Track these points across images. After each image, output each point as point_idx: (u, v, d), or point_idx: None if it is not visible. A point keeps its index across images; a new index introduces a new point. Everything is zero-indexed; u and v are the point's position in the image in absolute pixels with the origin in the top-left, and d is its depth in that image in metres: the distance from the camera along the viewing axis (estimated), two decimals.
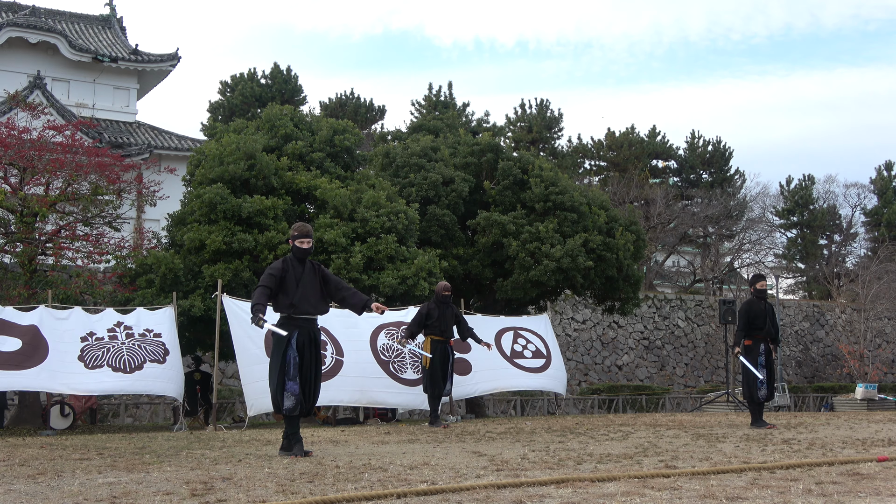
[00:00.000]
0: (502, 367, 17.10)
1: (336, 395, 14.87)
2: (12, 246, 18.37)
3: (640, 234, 22.60)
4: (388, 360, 15.56)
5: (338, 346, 15.18)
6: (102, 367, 14.36)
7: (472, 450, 8.42)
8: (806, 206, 51.27)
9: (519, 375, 17.29)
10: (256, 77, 45.07)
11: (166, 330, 15.33)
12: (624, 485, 5.59)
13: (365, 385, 15.08)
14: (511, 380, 17.31)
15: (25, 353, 13.97)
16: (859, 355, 37.00)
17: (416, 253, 18.61)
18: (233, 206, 17.47)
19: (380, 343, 15.74)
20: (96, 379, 14.27)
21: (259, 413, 14.65)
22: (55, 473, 6.82)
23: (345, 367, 14.95)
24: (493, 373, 16.90)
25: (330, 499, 5.05)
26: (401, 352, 15.70)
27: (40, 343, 14.25)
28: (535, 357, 17.74)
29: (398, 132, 28.21)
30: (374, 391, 15.19)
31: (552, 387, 18.15)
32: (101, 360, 14.43)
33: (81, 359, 14.38)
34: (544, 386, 18.28)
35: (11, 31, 34.46)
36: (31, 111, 21.71)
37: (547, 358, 17.87)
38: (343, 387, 14.81)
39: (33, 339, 14.25)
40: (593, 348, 35.22)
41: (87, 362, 14.36)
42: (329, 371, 14.57)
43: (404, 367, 15.54)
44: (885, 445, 8.42)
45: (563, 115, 49.77)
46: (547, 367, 17.72)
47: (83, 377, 14.21)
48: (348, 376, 14.92)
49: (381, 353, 15.61)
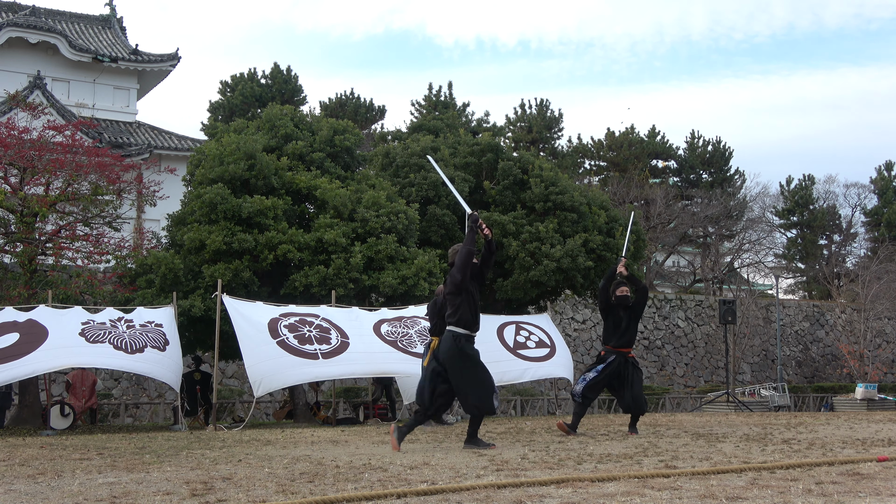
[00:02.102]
0: (506, 359, 16.91)
1: (347, 368, 15.08)
2: (12, 246, 18.37)
3: (640, 234, 22.61)
4: (394, 339, 15.73)
5: (342, 331, 15.44)
6: (104, 344, 14.24)
7: (472, 450, 8.41)
8: (806, 206, 51.24)
9: (524, 367, 17.04)
10: (256, 77, 45.06)
11: (167, 322, 15.37)
12: (624, 485, 5.59)
13: (374, 358, 15.28)
14: (515, 371, 17.01)
15: (24, 342, 13.87)
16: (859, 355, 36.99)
17: (416, 253, 18.61)
18: (233, 206, 17.47)
19: (383, 330, 15.95)
20: (98, 352, 14.12)
21: (265, 392, 14.73)
22: (55, 473, 6.82)
23: (351, 346, 15.23)
24: (497, 366, 16.81)
25: (330, 499, 5.05)
26: (407, 332, 15.78)
27: (39, 331, 14.16)
28: (539, 347, 17.56)
29: (398, 132, 28.25)
30: (384, 362, 15.32)
31: (559, 372, 17.78)
32: (103, 338, 14.35)
33: (82, 335, 14.32)
34: (551, 373, 17.93)
35: (11, 31, 34.46)
36: (31, 111, 21.71)
37: (551, 347, 17.72)
38: (353, 361, 15.02)
39: (32, 329, 14.18)
40: (593, 348, 35.21)
41: (88, 338, 14.28)
42: (336, 349, 14.86)
43: (412, 343, 15.66)
44: (885, 445, 8.41)
45: (562, 115, 49.80)
46: (552, 356, 17.54)
47: (84, 349, 14.08)
48: (356, 352, 15.16)
49: (386, 336, 15.81)
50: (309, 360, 14.55)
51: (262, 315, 15.26)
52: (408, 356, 15.30)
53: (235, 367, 26.75)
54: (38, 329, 14.22)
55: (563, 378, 18.30)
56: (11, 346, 13.83)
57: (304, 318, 15.37)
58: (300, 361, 14.50)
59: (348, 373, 15.45)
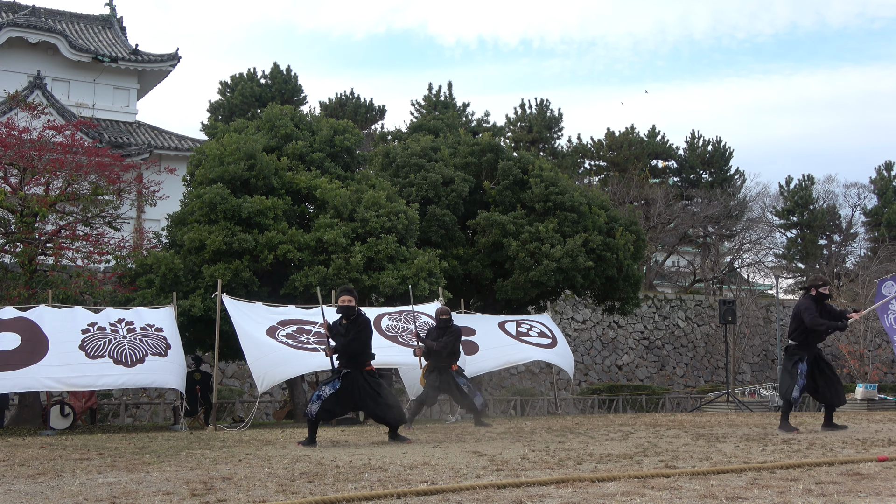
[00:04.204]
0: (509, 343, 17.39)
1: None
2: (12, 246, 18.37)
3: (640, 234, 22.61)
4: (394, 334, 15.79)
5: None
6: (104, 358, 14.27)
7: (472, 450, 8.42)
8: (806, 206, 51.23)
9: (527, 349, 17.57)
10: (256, 77, 45.05)
11: (167, 325, 15.37)
12: (624, 485, 5.59)
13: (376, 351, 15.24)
14: (519, 353, 17.56)
15: (25, 351, 13.91)
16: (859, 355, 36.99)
17: (416, 253, 18.61)
18: (233, 206, 17.47)
19: (384, 324, 15.97)
20: (98, 372, 14.13)
21: (270, 386, 14.80)
22: (55, 473, 6.82)
23: None
24: (500, 350, 17.08)
25: (330, 499, 5.05)
26: (407, 328, 15.82)
27: (40, 339, 14.18)
28: (542, 337, 18.09)
29: (398, 132, 28.23)
30: (386, 355, 15.29)
31: (561, 363, 18.37)
32: (103, 351, 14.36)
33: (83, 348, 14.33)
34: (553, 360, 18.46)
35: (11, 31, 34.45)
36: (31, 111, 21.71)
37: (553, 339, 18.26)
38: None
39: (33, 336, 14.20)
40: (593, 348, 35.22)
41: (88, 352, 14.29)
42: None
43: (413, 338, 15.67)
44: (885, 445, 8.42)
45: (562, 115, 49.81)
46: (554, 346, 18.08)
47: (84, 369, 14.09)
48: None
49: (387, 331, 15.85)
50: (310, 353, 14.64)
51: (261, 319, 15.34)
52: (408, 350, 15.34)
53: (235, 367, 26.75)
54: (39, 337, 14.23)
55: (563, 379, 18.47)
56: (12, 352, 13.84)
57: (301, 328, 15.41)
58: (302, 353, 14.60)
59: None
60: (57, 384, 14.19)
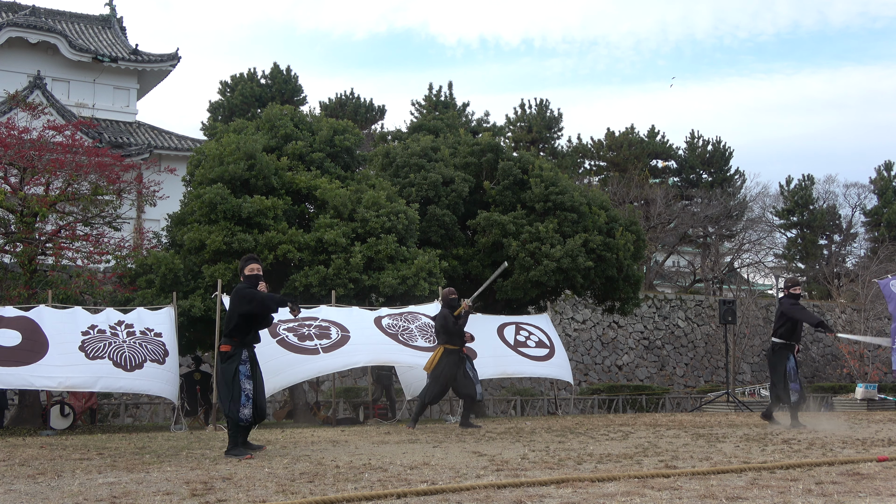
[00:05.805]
0: (506, 354, 17.23)
1: (348, 359, 15.11)
2: (12, 246, 18.37)
3: (640, 234, 22.61)
4: (395, 333, 15.80)
5: (342, 326, 15.47)
6: (104, 359, 14.33)
7: (472, 450, 8.42)
8: (806, 206, 51.23)
9: (523, 363, 17.34)
10: (256, 77, 45.04)
11: (166, 330, 15.36)
12: (624, 485, 5.59)
13: (375, 349, 15.35)
14: (515, 366, 17.36)
15: (25, 349, 13.93)
16: (859, 355, 36.99)
17: (416, 253, 18.61)
18: (233, 206, 17.48)
19: (384, 323, 16.00)
20: (96, 373, 14.20)
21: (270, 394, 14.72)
22: (55, 473, 6.82)
23: (352, 338, 15.25)
24: (497, 359, 17.02)
25: (330, 499, 5.06)
26: (408, 327, 15.84)
27: (40, 339, 14.21)
28: (539, 347, 17.85)
29: (398, 132, 28.22)
30: (385, 353, 15.39)
31: (558, 375, 18.10)
32: (103, 353, 14.41)
33: (82, 349, 14.38)
34: (550, 374, 18.24)
35: (11, 31, 34.46)
36: (31, 111, 21.72)
37: (550, 349, 18.00)
38: (354, 352, 15.05)
39: (33, 335, 14.22)
40: (593, 348, 35.22)
41: (87, 353, 14.34)
42: (336, 343, 14.89)
43: (413, 337, 15.72)
44: (885, 445, 8.42)
45: (562, 115, 49.79)
46: (551, 357, 17.81)
47: (84, 370, 14.14)
48: (357, 343, 15.19)
49: (387, 329, 15.86)
50: (310, 356, 14.57)
51: None
52: (408, 348, 15.34)
53: None
54: (39, 337, 14.25)
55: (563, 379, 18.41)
56: (13, 349, 13.85)
57: (302, 322, 15.41)
58: (301, 358, 14.52)
59: (350, 363, 15.46)
60: (56, 384, 14.22)
